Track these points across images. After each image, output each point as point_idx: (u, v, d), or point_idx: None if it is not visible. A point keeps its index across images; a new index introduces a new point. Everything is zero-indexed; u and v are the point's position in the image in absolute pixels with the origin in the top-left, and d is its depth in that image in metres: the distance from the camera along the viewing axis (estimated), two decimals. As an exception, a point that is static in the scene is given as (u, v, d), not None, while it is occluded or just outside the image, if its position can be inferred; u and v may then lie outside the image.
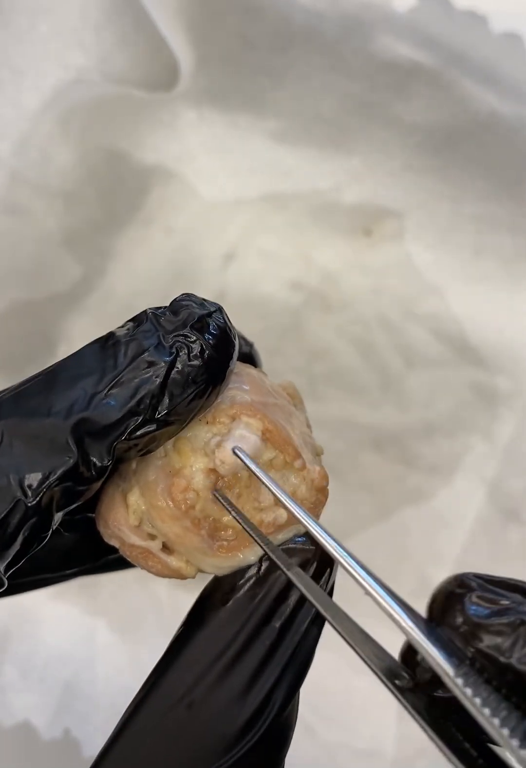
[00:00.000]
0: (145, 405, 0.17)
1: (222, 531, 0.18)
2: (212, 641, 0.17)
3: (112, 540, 0.19)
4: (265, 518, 0.18)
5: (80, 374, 0.17)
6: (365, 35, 0.43)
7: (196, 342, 0.17)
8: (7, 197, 0.43)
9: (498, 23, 0.42)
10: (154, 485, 0.18)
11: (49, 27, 0.43)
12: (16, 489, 0.16)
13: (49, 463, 0.16)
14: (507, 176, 0.45)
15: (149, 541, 0.19)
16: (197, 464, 0.18)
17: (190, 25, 0.43)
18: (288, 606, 0.17)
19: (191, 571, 0.19)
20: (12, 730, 0.39)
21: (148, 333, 0.18)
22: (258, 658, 0.17)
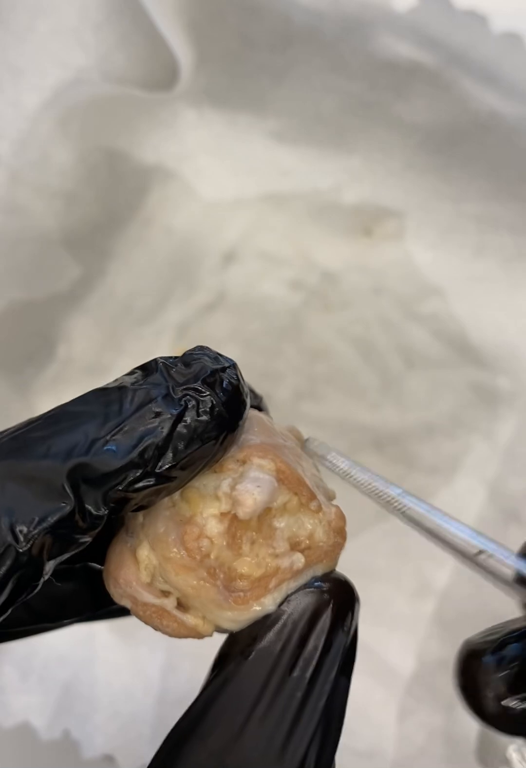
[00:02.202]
0: (147, 457, 0.16)
1: (238, 581, 0.18)
2: (238, 698, 0.16)
3: (123, 600, 0.18)
4: (281, 564, 0.18)
5: (82, 418, 0.16)
6: (364, 35, 0.43)
7: (206, 397, 0.17)
8: (6, 197, 0.43)
9: (498, 23, 0.42)
10: (165, 536, 0.17)
11: (49, 27, 0.43)
12: (6, 533, 0.15)
13: (43, 508, 0.15)
14: (507, 176, 0.45)
15: (163, 599, 0.18)
16: (208, 510, 0.17)
17: (190, 24, 0.43)
18: (314, 652, 0.17)
19: (208, 628, 0.18)
20: (12, 730, 0.39)
21: (157, 383, 0.17)
22: (290, 712, 0.16)
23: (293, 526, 0.18)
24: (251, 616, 0.17)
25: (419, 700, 0.40)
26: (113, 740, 0.39)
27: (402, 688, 0.40)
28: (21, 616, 0.20)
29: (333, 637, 0.17)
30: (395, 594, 0.42)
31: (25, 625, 0.20)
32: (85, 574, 0.21)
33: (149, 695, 0.40)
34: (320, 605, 0.17)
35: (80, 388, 0.18)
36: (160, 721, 0.40)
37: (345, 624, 0.17)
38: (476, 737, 0.37)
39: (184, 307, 0.48)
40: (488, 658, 0.18)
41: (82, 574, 0.21)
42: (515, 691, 0.17)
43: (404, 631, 0.41)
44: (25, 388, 0.46)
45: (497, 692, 0.17)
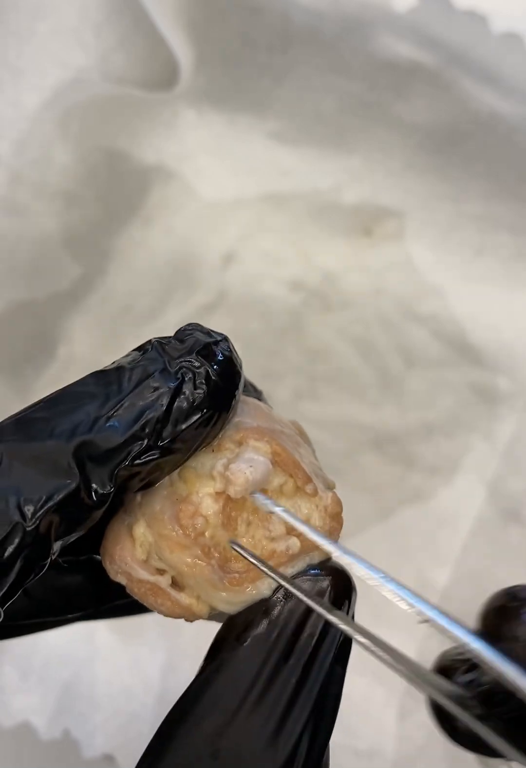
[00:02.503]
0: (149, 430, 0.16)
1: (233, 562, 0.18)
2: (233, 683, 0.16)
3: (118, 576, 0.18)
4: (277, 548, 0.18)
5: (84, 399, 0.17)
6: (364, 35, 0.43)
7: (201, 368, 0.17)
8: (6, 197, 0.43)
9: (498, 23, 0.42)
10: (161, 514, 0.18)
11: (49, 27, 0.43)
12: (14, 512, 0.15)
13: (49, 486, 0.15)
14: (507, 176, 0.45)
15: (158, 576, 0.18)
16: (204, 489, 0.18)
17: (190, 24, 0.43)
18: (310, 640, 0.17)
19: (202, 608, 0.18)
20: (12, 730, 0.39)
21: (153, 359, 0.17)
22: (284, 698, 0.16)
23: (290, 509, 0.18)
24: (246, 598, 0.17)
25: (419, 700, 0.40)
26: (113, 740, 0.39)
27: (402, 688, 0.40)
28: (25, 608, 0.20)
29: (328, 626, 0.17)
30: (395, 594, 0.42)
31: (29, 618, 0.20)
32: (90, 568, 0.21)
33: (149, 695, 0.40)
34: (318, 592, 0.17)
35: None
36: (160, 721, 0.40)
37: (341, 611, 0.17)
38: (476, 737, 0.37)
39: (184, 307, 0.48)
40: (458, 679, 0.18)
41: (87, 567, 0.21)
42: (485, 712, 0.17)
43: (404, 631, 0.41)
44: (26, 389, 0.46)
45: None
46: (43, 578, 0.20)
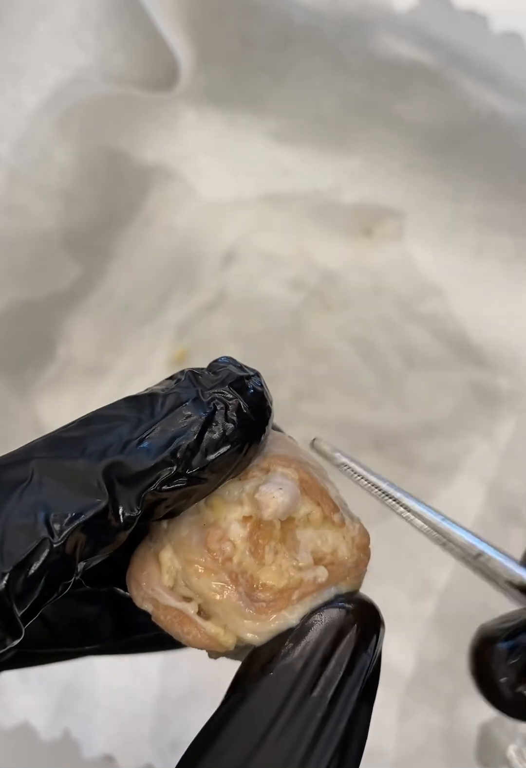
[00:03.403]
0: (179, 456, 0.16)
1: (260, 591, 0.17)
2: (256, 715, 0.16)
3: (144, 604, 0.18)
4: (304, 577, 0.17)
5: (116, 422, 0.17)
6: (364, 35, 0.43)
7: (233, 400, 0.17)
8: (6, 197, 0.43)
9: (498, 23, 0.42)
10: (188, 540, 0.18)
11: (49, 27, 0.43)
12: (42, 528, 0.15)
13: (78, 504, 0.15)
14: (508, 176, 0.45)
15: (185, 603, 0.18)
16: (232, 515, 0.18)
17: (190, 24, 0.43)
18: (337, 672, 0.16)
19: (229, 639, 0.18)
20: (12, 730, 0.39)
21: (186, 388, 0.17)
22: (308, 733, 0.15)
23: (317, 539, 0.18)
24: (273, 628, 0.17)
25: (419, 700, 0.40)
26: (113, 740, 0.39)
27: (402, 688, 0.40)
28: (43, 636, 0.20)
29: (356, 659, 0.16)
30: (395, 594, 0.42)
31: (46, 646, 0.20)
32: (110, 600, 0.21)
33: (149, 695, 0.40)
34: (345, 625, 0.17)
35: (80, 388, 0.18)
36: (160, 721, 0.40)
37: (369, 647, 0.17)
38: (476, 737, 0.37)
39: (184, 307, 0.48)
40: (501, 645, 0.18)
41: (107, 599, 0.21)
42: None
43: (404, 631, 0.41)
44: (25, 388, 0.46)
45: (510, 679, 0.17)
46: (62, 606, 0.20)
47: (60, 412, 0.45)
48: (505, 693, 0.18)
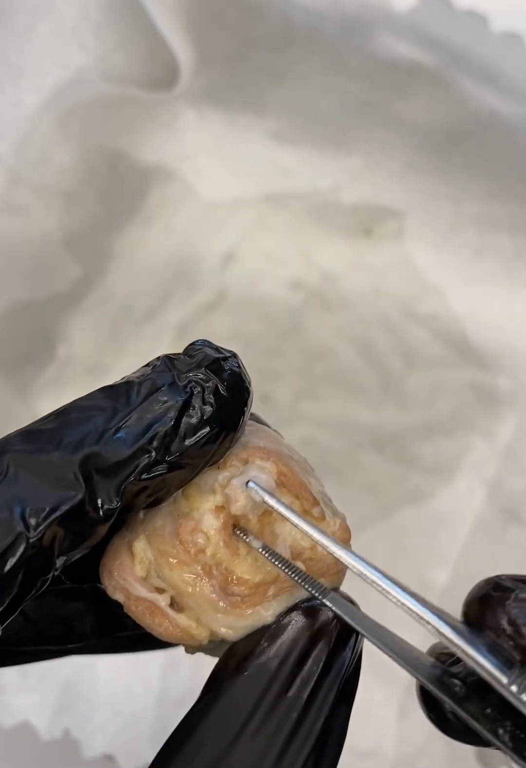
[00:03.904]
0: (157, 443, 0.16)
1: (235, 585, 0.17)
2: (230, 713, 0.15)
3: (116, 593, 0.18)
4: (281, 572, 0.17)
5: (92, 412, 0.17)
6: (364, 35, 0.43)
7: (210, 382, 0.17)
8: (6, 197, 0.43)
9: (498, 23, 0.42)
10: (162, 530, 0.17)
11: (49, 27, 0.43)
12: (18, 522, 0.15)
13: (54, 497, 0.15)
14: (508, 176, 0.45)
15: (156, 595, 0.17)
16: (205, 505, 0.17)
17: (190, 24, 0.43)
18: (313, 672, 0.16)
19: (202, 632, 0.17)
20: (12, 730, 0.39)
21: (162, 373, 0.17)
22: (283, 732, 0.15)
23: (296, 534, 0.18)
24: (248, 623, 0.17)
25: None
26: (113, 740, 0.39)
27: (402, 688, 0.40)
28: (25, 634, 0.20)
29: (334, 658, 0.16)
30: (395, 594, 0.42)
31: (29, 644, 0.20)
32: (92, 596, 0.20)
33: (149, 695, 0.40)
34: (322, 623, 0.16)
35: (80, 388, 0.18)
36: (160, 721, 0.40)
37: (347, 645, 0.17)
38: (476, 737, 0.37)
39: (184, 307, 0.48)
40: None
41: (89, 595, 0.20)
42: None
43: (404, 631, 0.41)
44: (25, 388, 0.46)
45: None
46: (44, 603, 0.19)
47: (60, 412, 0.45)
48: (452, 720, 0.18)
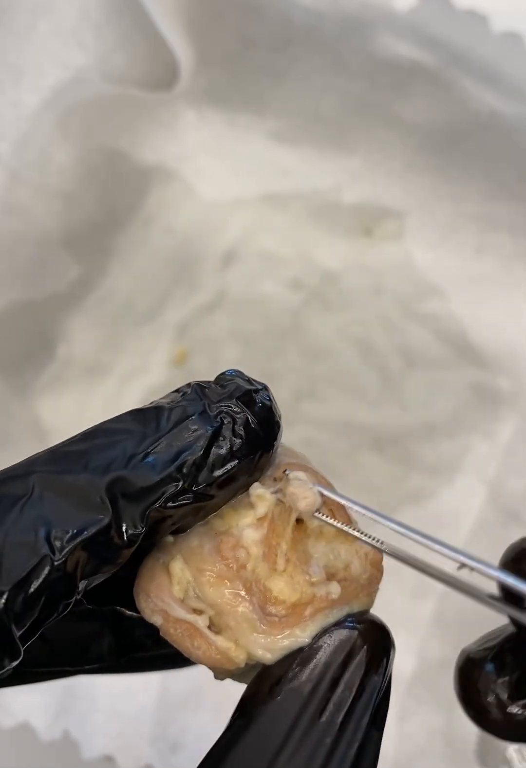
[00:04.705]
0: (185, 472, 0.16)
1: (273, 605, 0.17)
2: (263, 741, 0.15)
3: (153, 616, 0.17)
4: (317, 593, 0.17)
5: (120, 435, 0.16)
6: (364, 35, 0.43)
7: (241, 414, 0.17)
8: (6, 197, 0.43)
9: (498, 23, 0.42)
10: (199, 549, 0.17)
11: (49, 27, 0.43)
12: (42, 544, 0.15)
13: (80, 520, 0.15)
14: (508, 176, 0.45)
15: (196, 616, 0.17)
16: (243, 521, 0.17)
17: (190, 25, 0.43)
18: (346, 697, 0.15)
19: (240, 654, 0.17)
20: (12, 730, 0.39)
21: (192, 402, 0.17)
22: (318, 759, 0.15)
23: (330, 554, 0.18)
24: (285, 645, 0.17)
25: (419, 700, 0.40)
26: (113, 740, 0.39)
27: (402, 688, 0.40)
28: (42, 654, 0.19)
29: (366, 682, 0.16)
30: (395, 594, 0.42)
31: (46, 665, 0.20)
32: (110, 618, 0.20)
33: (149, 695, 0.40)
34: (355, 647, 0.16)
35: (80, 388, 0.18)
36: (160, 721, 0.40)
37: (379, 670, 0.16)
38: (476, 737, 0.37)
39: (184, 307, 0.48)
40: (488, 667, 0.18)
41: (107, 617, 0.20)
42: (516, 698, 0.17)
43: (404, 631, 0.41)
44: (25, 388, 0.46)
45: (499, 699, 0.17)
46: (62, 623, 0.19)
47: (60, 412, 0.45)
48: (494, 715, 0.17)
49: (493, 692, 0.17)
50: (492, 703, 0.17)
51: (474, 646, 0.18)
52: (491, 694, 0.17)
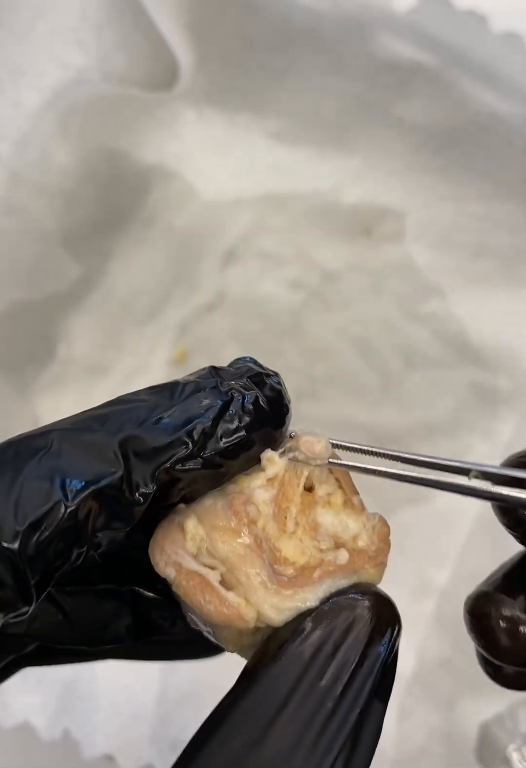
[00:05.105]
0: (195, 437, 0.17)
1: (282, 565, 0.17)
2: (265, 699, 0.15)
3: (167, 568, 0.18)
4: (325, 557, 0.18)
5: (137, 403, 0.17)
6: (364, 35, 0.43)
7: (251, 392, 0.18)
8: (6, 197, 0.43)
9: (498, 23, 0.42)
10: (213, 507, 0.18)
11: (49, 27, 0.43)
12: (57, 490, 0.16)
13: (94, 471, 0.16)
14: (507, 176, 0.45)
15: (208, 570, 0.17)
16: (255, 482, 0.18)
17: (190, 24, 0.43)
18: (347, 664, 0.16)
19: (250, 612, 0.17)
20: (12, 730, 0.39)
21: (206, 378, 0.18)
22: (317, 720, 0.15)
23: (338, 525, 0.18)
24: (293, 605, 0.17)
25: (418, 700, 0.40)
26: (113, 740, 0.39)
27: (402, 688, 0.40)
28: (63, 633, 0.20)
29: (369, 651, 0.16)
30: (395, 594, 0.42)
31: (66, 642, 0.20)
32: (129, 599, 0.21)
33: (149, 695, 0.40)
34: (358, 615, 0.17)
35: (81, 387, 0.18)
36: (161, 721, 0.40)
37: (383, 641, 0.17)
38: (476, 737, 0.37)
39: (184, 307, 0.48)
40: (498, 594, 0.18)
41: (126, 598, 0.21)
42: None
43: (404, 631, 0.41)
44: (26, 388, 0.46)
45: (512, 622, 0.18)
46: (82, 602, 0.20)
47: (60, 412, 0.45)
48: (506, 640, 0.18)
49: (505, 614, 0.18)
50: (505, 629, 0.18)
51: (485, 580, 0.19)
52: (504, 617, 0.18)
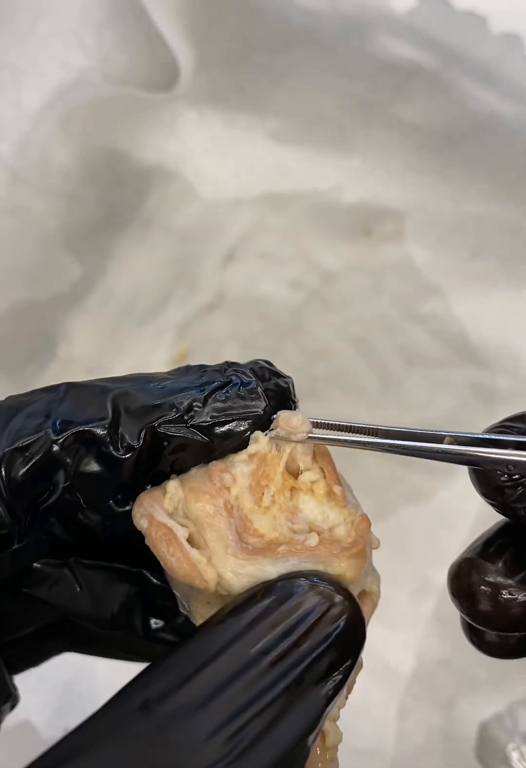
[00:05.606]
0: (185, 405, 0.18)
1: (250, 536, 0.18)
2: (191, 655, 0.16)
3: (141, 520, 0.19)
4: (295, 537, 0.18)
5: (151, 376, 0.19)
6: (364, 36, 0.43)
7: (251, 380, 0.18)
8: (7, 197, 0.43)
9: (498, 23, 0.42)
10: (195, 472, 0.19)
11: (50, 27, 0.43)
12: (48, 425, 0.17)
13: (85, 416, 0.18)
14: (507, 176, 0.45)
15: (176, 524, 0.18)
16: (237, 457, 0.19)
17: (191, 25, 0.44)
18: (284, 639, 0.16)
19: (209, 572, 0.17)
20: (12, 729, 0.39)
21: (214, 365, 0.19)
22: (236, 685, 0.15)
23: (318, 515, 0.19)
24: (251, 571, 0.17)
25: (418, 699, 0.40)
26: (114, 739, 0.39)
27: (402, 687, 0.40)
28: (79, 607, 0.21)
29: (310, 635, 0.16)
30: (395, 594, 0.42)
31: (82, 618, 0.22)
32: (139, 582, 0.22)
33: (149, 694, 0.40)
34: (308, 598, 0.16)
35: (81, 387, 0.19)
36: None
37: (328, 630, 0.16)
38: (476, 736, 0.37)
39: (184, 307, 0.49)
40: (479, 560, 0.19)
41: (137, 580, 0.22)
42: (513, 573, 0.18)
43: (404, 631, 0.42)
44: (26, 388, 0.46)
45: (494, 584, 0.18)
46: (96, 577, 0.21)
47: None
48: (484, 605, 0.18)
49: (486, 582, 0.18)
50: (485, 593, 0.18)
51: (464, 552, 0.19)
52: (486, 582, 0.18)
